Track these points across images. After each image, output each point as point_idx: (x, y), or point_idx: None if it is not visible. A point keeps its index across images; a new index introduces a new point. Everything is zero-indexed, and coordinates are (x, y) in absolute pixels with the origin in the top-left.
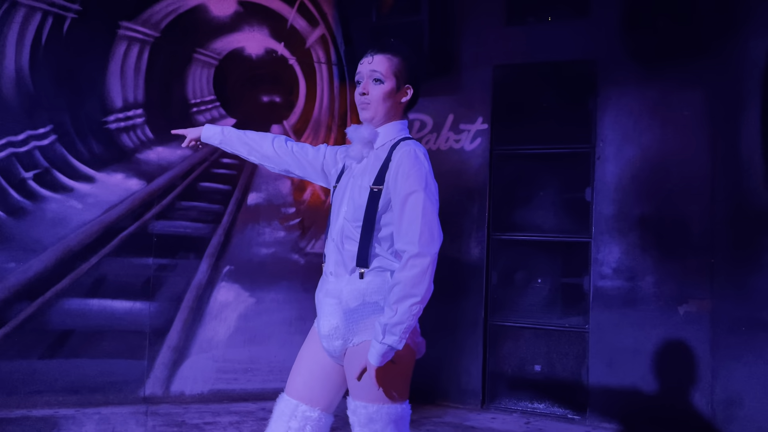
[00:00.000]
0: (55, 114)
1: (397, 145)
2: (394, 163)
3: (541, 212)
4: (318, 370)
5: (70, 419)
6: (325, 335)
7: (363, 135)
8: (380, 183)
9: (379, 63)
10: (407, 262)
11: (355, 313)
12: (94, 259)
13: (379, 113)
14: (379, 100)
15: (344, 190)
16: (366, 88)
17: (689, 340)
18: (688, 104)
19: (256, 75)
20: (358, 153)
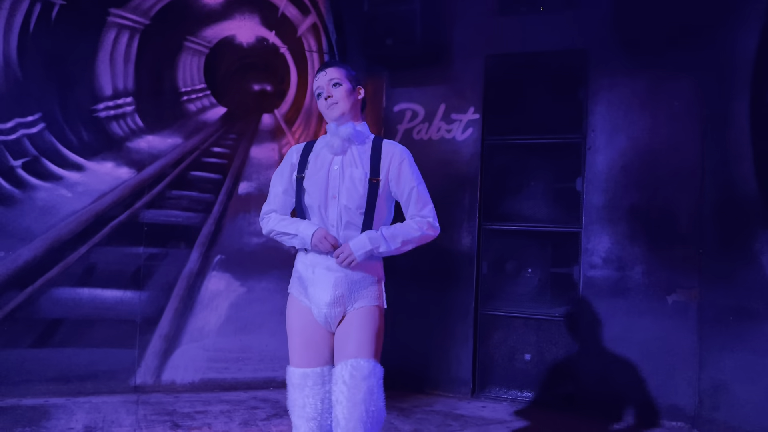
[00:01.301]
0: (43, 102)
1: (380, 142)
2: (393, 158)
3: (531, 202)
4: (320, 338)
5: (60, 408)
6: (329, 303)
7: (347, 131)
8: (377, 175)
9: (333, 72)
10: (432, 224)
11: (358, 284)
12: (84, 248)
13: (346, 109)
14: (343, 97)
15: (325, 180)
16: (329, 92)
17: (677, 329)
18: (678, 95)
19: (247, 63)
20: (341, 147)
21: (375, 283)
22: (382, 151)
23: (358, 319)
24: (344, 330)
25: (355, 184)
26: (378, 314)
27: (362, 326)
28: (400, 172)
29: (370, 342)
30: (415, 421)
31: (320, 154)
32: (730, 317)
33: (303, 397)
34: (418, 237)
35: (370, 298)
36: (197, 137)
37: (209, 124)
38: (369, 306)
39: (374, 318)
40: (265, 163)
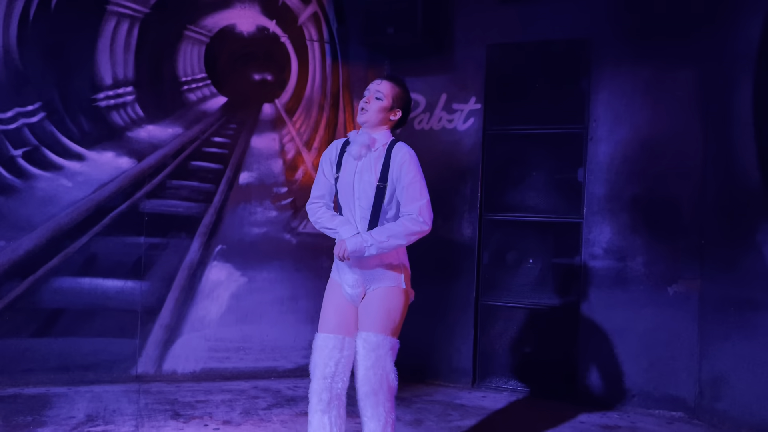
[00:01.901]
0: (43, 91)
1: (392, 147)
2: (396, 162)
3: (533, 193)
4: (346, 312)
5: (62, 397)
6: (351, 285)
7: (363, 140)
8: (384, 180)
9: (385, 86)
10: (416, 219)
11: (374, 270)
12: (84, 237)
13: (371, 120)
14: (375, 111)
15: (352, 183)
16: (369, 100)
17: (678, 319)
18: (681, 84)
19: (247, 53)
20: (357, 153)
21: (392, 268)
22: (391, 156)
23: (373, 298)
24: (362, 307)
25: (367, 188)
26: (392, 294)
27: (375, 305)
28: (401, 173)
29: (381, 317)
30: (416, 410)
31: (347, 159)
32: (731, 308)
33: (322, 357)
34: (404, 234)
35: (386, 281)
36: (198, 127)
37: (210, 114)
38: (384, 287)
39: (390, 297)
40: (266, 153)
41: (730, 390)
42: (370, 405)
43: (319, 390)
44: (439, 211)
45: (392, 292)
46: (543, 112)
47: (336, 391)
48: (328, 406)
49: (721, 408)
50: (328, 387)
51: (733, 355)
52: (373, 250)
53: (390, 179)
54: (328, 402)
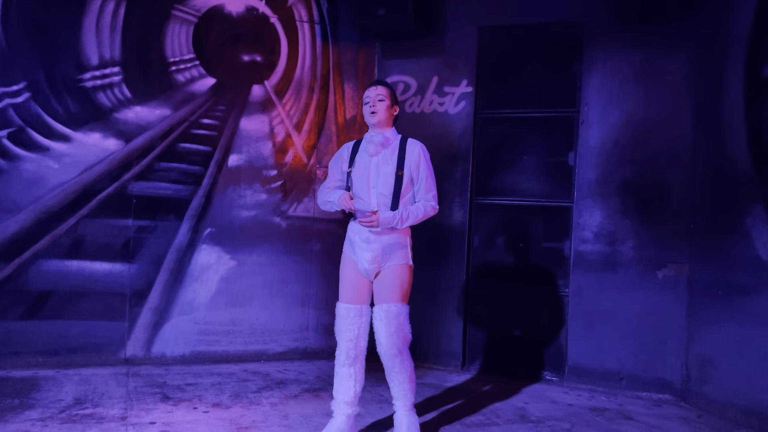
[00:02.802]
0: (28, 71)
1: (405, 142)
2: (413, 155)
3: (524, 176)
4: (362, 284)
5: (50, 380)
6: (368, 261)
7: (379, 139)
8: (401, 168)
9: (381, 90)
10: (433, 205)
11: (390, 248)
12: (72, 220)
13: (383, 119)
14: (383, 110)
15: (367, 174)
16: (374, 103)
17: (667, 303)
18: (673, 68)
19: (236, 33)
20: (375, 150)
21: (403, 248)
22: (406, 150)
23: (389, 274)
24: (379, 282)
25: (387, 177)
26: (406, 270)
27: (391, 279)
28: (418, 166)
29: (397, 290)
30: None
31: (362, 155)
32: (720, 291)
33: (345, 324)
34: (422, 215)
35: (398, 258)
36: (186, 108)
37: (198, 95)
38: (397, 264)
39: (401, 273)
40: (255, 135)
41: (717, 373)
42: (397, 362)
43: (346, 349)
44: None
45: (402, 268)
46: (535, 95)
47: (360, 348)
48: (354, 361)
49: (708, 391)
50: (354, 346)
51: (720, 339)
52: (398, 224)
53: (407, 168)
54: (354, 358)
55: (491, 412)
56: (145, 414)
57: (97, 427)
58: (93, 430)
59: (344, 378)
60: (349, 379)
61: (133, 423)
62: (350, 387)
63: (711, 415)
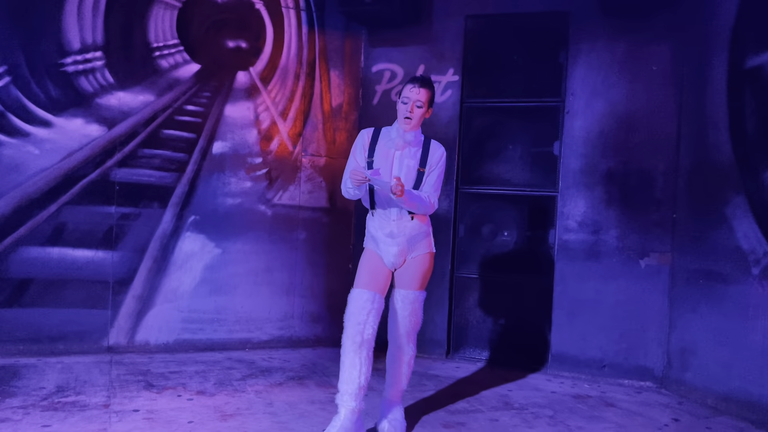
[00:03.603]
0: (8, 54)
1: (429, 142)
2: (435, 156)
3: (509, 166)
4: (382, 274)
5: (31, 368)
6: (395, 254)
7: (410, 138)
8: (424, 166)
9: (423, 94)
10: (433, 200)
11: (414, 239)
12: (53, 206)
13: (415, 125)
14: (418, 117)
15: (390, 164)
16: (412, 109)
17: (649, 291)
18: (657, 59)
19: (221, 19)
20: (401, 146)
21: (426, 236)
22: (430, 150)
23: (414, 264)
24: (404, 269)
25: (410, 171)
26: (429, 258)
27: (415, 268)
28: (437, 165)
29: (418, 279)
30: None
31: (384, 146)
32: (701, 280)
33: (357, 307)
34: (425, 206)
35: (423, 248)
36: (170, 95)
37: (182, 82)
38: (422, 254)
39: (425, 262)
40: (240, 123)
41: (697, 360)
42: (403, 343)
43: (353, 334)
44: None
45: (426, 257)
46: (520, 84)
47: (366, 336)
48: (360, 348)
49: (689, 378)
50: (361, 332)
51: (701, 327)
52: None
53: (428, 166)
54: (360, 344)
55: (475, 399)
56: (129, 401)
57: (79, 414)
58: (76, 417)
59: (348, 367)
60: (352, 369)
61: (117, 410)
62: (354, 377)
63: (691, 402)
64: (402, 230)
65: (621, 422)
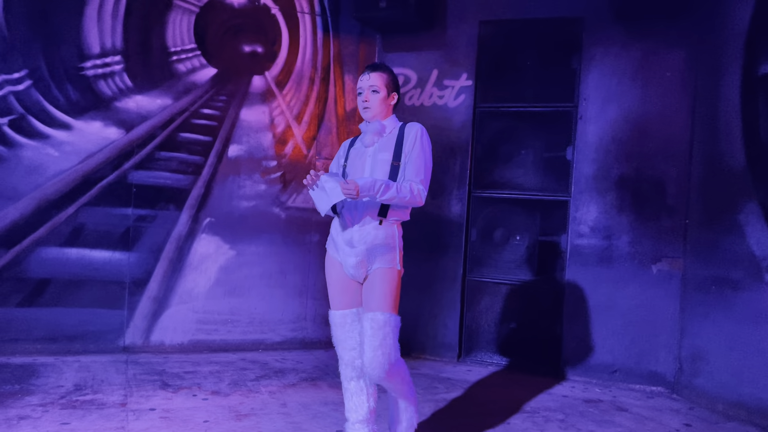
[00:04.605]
0: (29, 58)
1: (404, 127)
2: (410, 136)
3: (522, 170)
4: (352, 287)
5: (49, 367)
6: (353, 266)
7: (375, 128)
8: (398, 159)
9: (375, 78)
10: (417, 189)
11: (375, 250)
12: (71, 208)
13: (377, 113)
14: (376, 104)
15: (362, 164)
16: (367, 97)
17: (660, 297)
18: (670, 65)
19: (237, 24)
20: (370, 140)
21: (390, 250)
22: (404, 135)
23: (375, 279)
24: (366, 288)
25: (382, 166)
26: (391, 275)
27: (378, 286)
28: (412, 147)
29: (385, 297)
30: None
31: (358, 147)
32: (713, 286)
33: (344, 332)
34: (408, 196)
35: (385, 262)
36: (187, 98)
37: (199, 86)
38: (384, 268)
39: (387, 278)
40: (255, 126)
41: (709, 367)
42: (386, 382)
43: (349, 360)
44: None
45: (390, 273)
46: (534, 90)
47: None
48: (362, 372)
49: (700, 384)
50: (359, 354)
51: (712, 333)
52: (381, 192)
53: (403, 155)
54: (361, 368)
55: (486, 402)
56: (145, 400)
57: (97, 412)
58: (94, 415)
59: (354, 394)
60: (360, 394)
61: (133, 409)
62: (362, 402)
63: (702, 408)
64: (363, 239)
65: (632, 427)
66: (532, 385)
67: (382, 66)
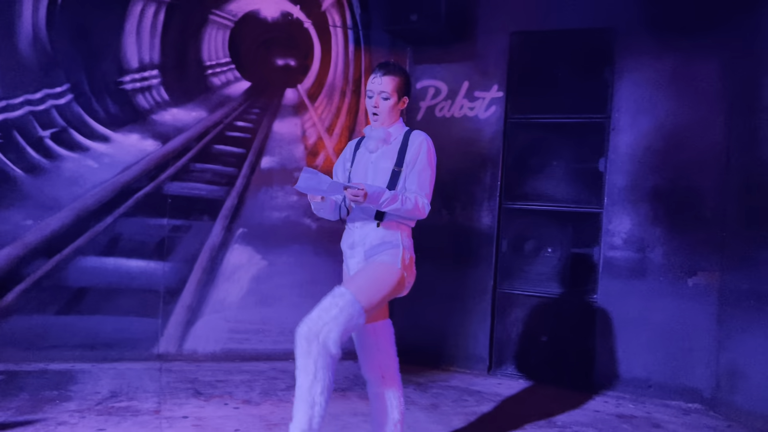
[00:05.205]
0: (71, 73)
1: (409, 134)
2: (414, 145)
3: (553, 182)
4: None
5: (86, 373)
6: (353, 268)
7: (379, 135)
8: (400, 165)
9: (386, 84)
10: (423, 203)
11: (375, 249)
12: (109, 218)
13: (387, 121)
14: (387, 111)
15: (365, 171)
16: (377, 103)
17: (696, 311)
18: (705, 75)
19: (271, 38)
20: (375, 147)
21: (392, 247)
22: (409, 143)
23: (364, 266)
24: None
25: (383, 173)
26: (383, 268)
27: (361, 271)
28: (417, 157)
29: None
30: (432, 395)
31: (362, 152)
32: (751, 301)
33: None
34: (412, 207)
35: (384, 256)
36: (221, 111)
37: (233, 98)
38: (378, 260)
39: (374, 268)
40: (288, 138)
41: (747, 383)
42: (301, 353)
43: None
44: (458, 198)
45: (382, 266)
46: (565, 101)
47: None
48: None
49: (738, 401)
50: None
51: (751, 348)
52: (386, 204)
53: (406, 163)
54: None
55: (517, 416)
56: (178, 408)
57: (132, 419)
58: (128, 422)
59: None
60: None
61: (167, 417)
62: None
63: (740, 425)
64: (362, 239)
65: None
66: (564, 399)
67: (393, 67)
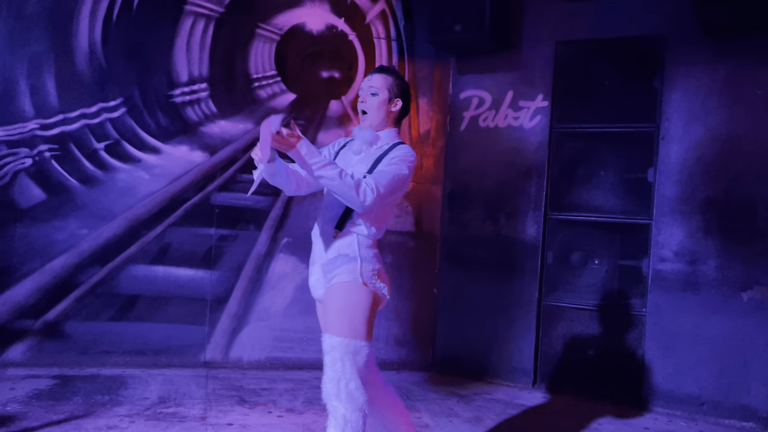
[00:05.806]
0: (125, 87)
1: (397, 144)
2: (393, 151)
3: (600, 192)
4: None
5: (137, 379)
6: (312, 285)
7: (366, 136)
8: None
9: (376, 80)
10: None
11: (331, 264)
12: (159, 227)
13: (375, 120)
14: (374, 108)
15: None
16: (364, 98)
17: (752, 327)
18: (761, 82)
19: (316, 50)
20: (358, 149)
21: (350, 261)
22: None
23: (327, 297)
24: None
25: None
26: (347, 290)
27: (328, 304)
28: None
29: (338, 317)
30: (475, 408)
31: (345, 152)
32: None
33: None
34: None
35: (342, 275)
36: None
37: (279, 110)
38: (338, 282)
39: (340, 295)
40: None
41: None
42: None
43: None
44: (503, 209)
45: (347, 287)
46: (612, 110)
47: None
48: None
49: None
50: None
51: None
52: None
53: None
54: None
55: (562, 430)
56: (223, 415)
57: (179, 425)
58: (176, 428)
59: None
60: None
61: (213, 423)
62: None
63: None
64: (320, 253)
65: None
66: (611, 415)
67: (388, 69)
